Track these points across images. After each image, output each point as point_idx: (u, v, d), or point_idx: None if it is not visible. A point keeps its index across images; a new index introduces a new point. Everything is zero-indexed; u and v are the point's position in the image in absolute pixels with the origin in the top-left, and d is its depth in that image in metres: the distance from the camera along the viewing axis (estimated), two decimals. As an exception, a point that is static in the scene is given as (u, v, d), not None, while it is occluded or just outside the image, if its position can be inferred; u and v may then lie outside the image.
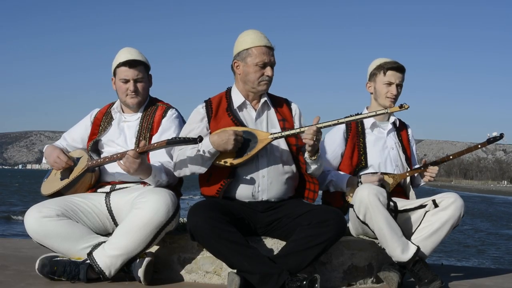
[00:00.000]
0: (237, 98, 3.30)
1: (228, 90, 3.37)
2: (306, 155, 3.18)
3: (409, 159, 3.74)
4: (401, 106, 3.11)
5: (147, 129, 3.38)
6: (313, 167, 3.21)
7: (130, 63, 3.35)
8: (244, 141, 3.09)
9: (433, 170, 3.59)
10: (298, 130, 3.14)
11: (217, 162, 3.11)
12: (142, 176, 3.14)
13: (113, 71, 3.43)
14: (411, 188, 3.70)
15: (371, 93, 3.75)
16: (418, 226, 3.34)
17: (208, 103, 3.31)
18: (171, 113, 3.44)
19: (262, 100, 3.31)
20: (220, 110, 3.27)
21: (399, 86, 3.67)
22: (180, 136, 3.18)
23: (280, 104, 3.40)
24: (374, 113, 3.22)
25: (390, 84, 3.64)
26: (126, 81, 3.37)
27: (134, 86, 3.37)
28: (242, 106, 3.30)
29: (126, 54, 3.38)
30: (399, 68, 3.65)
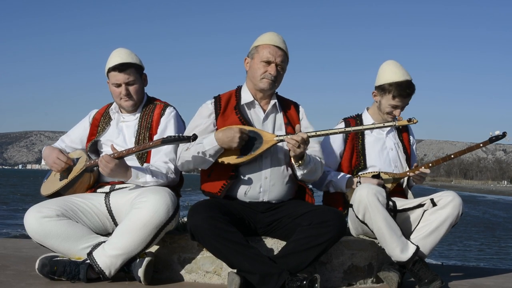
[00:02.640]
0: (247, 96, 3.30)
1: (239, 88, 3.37)
2: (292, 160, 3.14)
3: (409, 159, 3.73)
4: (409, 120, 3.16)
5: (146, 128, 3.38)
6: (299, 173, 3.16)
7: (119, 68, 3.34)
8: (249, 140, 3.08)
9: (421, 174, 3.53)
10: None
11: (221, 159, 3.11)
12: (121, 178, 3.19)
13: (106, 74, 3.43)
14: (409, 189, 3.70)
15: (376, 102, 3.71)
16: (417, 225, 3.34)
17: (217, 99, 3.30)
18: (169, 111, 3.43)
19: (272, 102, 3.31)
20: (228, 107, 3.27)
21: (404, 107, 3.65)
22: (176, 133, 3.18)
23: (288, 106, 3.39)
24: (382, 125, 3.25)
25: (396, 107, 3.61)
26: (118, 86, 3.37)
27: (126, 90, 3.37)
28: (250, 105, 3.29)
29: (115, 58, 3.37)
30: (409, 95, 3.60)
